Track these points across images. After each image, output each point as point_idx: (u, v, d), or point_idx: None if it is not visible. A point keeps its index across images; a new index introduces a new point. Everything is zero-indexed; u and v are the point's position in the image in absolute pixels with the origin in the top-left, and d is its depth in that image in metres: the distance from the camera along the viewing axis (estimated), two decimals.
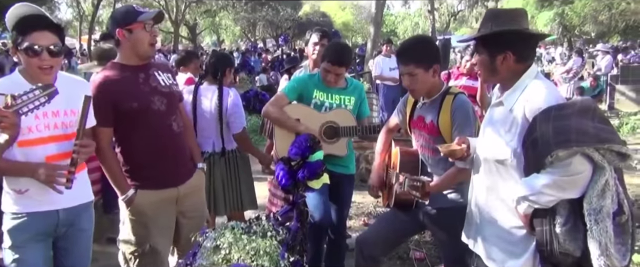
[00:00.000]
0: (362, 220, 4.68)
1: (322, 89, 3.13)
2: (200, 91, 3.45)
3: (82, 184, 2.31)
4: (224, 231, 1.93)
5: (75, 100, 2.19)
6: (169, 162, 2.55)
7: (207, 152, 3.43)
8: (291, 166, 2.48)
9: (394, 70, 8.49)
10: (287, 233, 2.14)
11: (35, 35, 2.05)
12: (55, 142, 2.16)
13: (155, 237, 2.56)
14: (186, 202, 2.64)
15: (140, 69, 2.50)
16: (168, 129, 2.54)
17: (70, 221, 2.26)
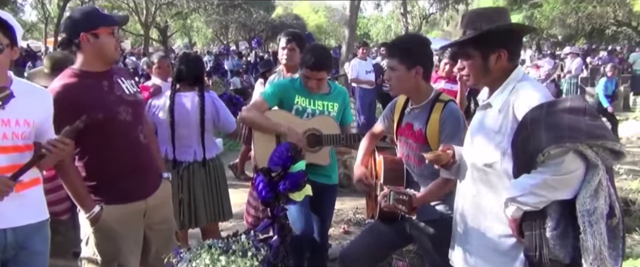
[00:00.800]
0: (342, 228, 4.57)
1: (303, 95, 3.00)
2: (178, 98, 3.27)
3: (34, 201, 2.09)
4: (200, 251, 1.78)
5: (30, 110, 2.01)
6: (136, 175, 2.37)
7: (187, 161, 3.28)
8: (271, 177, 2.34)
9: (370, 73, 8.44)
10: (268, 250, 2.00)
11: None
12: (4, 153, 1.95)
13: (124, 254, 2.37)
14: (154, 215, 2.47)
15: (103, 76, 2.32)
16: (135, 140, 2.37)
17: (20, 243, 2.02)
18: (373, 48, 18.96)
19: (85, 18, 2.25)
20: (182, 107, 3.26)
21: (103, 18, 2.26)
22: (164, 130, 3.26)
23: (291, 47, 3.60)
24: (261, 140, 2.96)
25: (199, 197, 3.30)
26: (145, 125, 2.49)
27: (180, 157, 3.28)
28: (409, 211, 2.14)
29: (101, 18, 2.26)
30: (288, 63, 3.65)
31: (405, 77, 2.33)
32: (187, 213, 3.29)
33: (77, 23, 2.26)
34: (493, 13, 1.98)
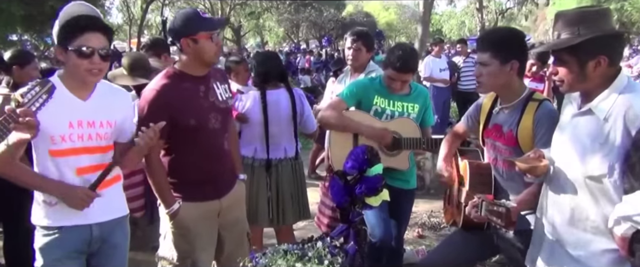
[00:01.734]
0: (416, 231, 4.41)
1: (383, 95, 2.88)
2: (269, 97, 3.24)
3: (115, 198, 2.18)
4: (275, 256, 1.73)
5: (112, 112, 2.08)
6: (215, 179, 2.42)
7: (277, 159, 3.25)
8: (347, 180, 2.26)
9: (444, 71, 8.16)
10: (344, 257, 1.93)
11: (87, 36, 1.92)
12: (88, 153, 2.03)
13: (197, 252, 2.42)
14: (228, 215, 2.50)
15: (201, 81, 2.35)
16: (220, 147, 2.41)
17: (104, 237, 2.13)
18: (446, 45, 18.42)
19: (185, 24, 2.27)
20: (273, 105, 3.22)
21: (202, 23, 2.28)
22: (254, 130, 3.21)
23: (357, 47, 3.51)
24: (338, 140, 2.88)
25: (286, 195, 3.27)
26: (229, 132, 2.52)
27: (270, 155, 3.25)
28: (507, 225, 1.93)
29: (200, 23, 2.27)
30: (354, 63, 3.56)
31: (499, 72, 2.14)
32: (275, 211, 3.26)
33: (178, 29, 2.28)
34: (593, 15, 1.77)
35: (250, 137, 3.16)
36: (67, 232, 2.03)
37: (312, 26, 32.58)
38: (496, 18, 27.99)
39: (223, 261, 2.58)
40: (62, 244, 2.03)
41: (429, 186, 5.52)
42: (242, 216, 2.66)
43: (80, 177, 2.02)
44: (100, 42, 1.95)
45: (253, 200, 3.15)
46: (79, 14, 1.98)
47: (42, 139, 1.93)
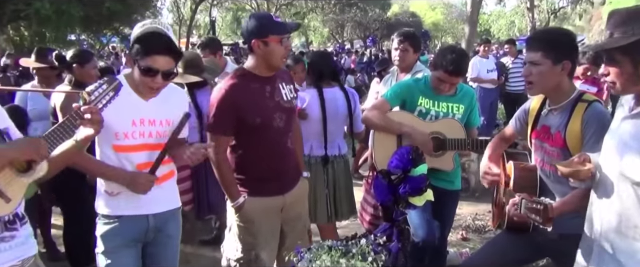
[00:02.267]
0: (460, 234, 4.36)
1: (428, 96, 2.89)
2: (326, 94, 3.32)
3: (170, 191, 2.30)
4: (320, 252, 1.78)
5: (171, 111, 2.19)
6: (279, 176, 2.51)
7: (333, 156, 3.33)
8: (391, 180, 2.28)
9: (492, 72, 7.99)
10: (387, 255, 1.95)
11: (155, 57, 2.04)
12: (149, 150, 2.15)
13: (261, 245, 2.52)
14: (291, 211, 2.59)
15: (268, 82, 2.45)
16: (284, 146, 2.50)
17: (159, 227, 2.25)
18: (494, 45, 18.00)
19: (258, 26, 2.35)
20: (331, 103, 3.30)
21: (274, 27, 2.35)
22: (312, 127, 3.27)
23: (404, 48, 3.51)
24: (382, 141, 2.91)
25: (343, 192, 3.35)
26: (294, 131, 2.59)
27: (327, 152, 3.32)
28: (545, 222, 1.92)
29: (272, 27, 2.35)
30: (401, 64, 3.57)
31: (551, 73, 2.09)
32: (333, 207, 3.34)
33: (250, 30, 2.36)
34: None
35: (307, 134, 3.18)
36: (126, 222, 2.15)
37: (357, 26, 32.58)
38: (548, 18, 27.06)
39: (283, 258, 2.67)
40: (122, 233, 2.16)
41: (474, 188, 5.43)
42: (305, 213, 2.75)
43: None
44: (166, 64, 2.06)
45: (312, 197, 3.20)
46: (150, 33, 2.10)
47: (107, 135, 2.07)
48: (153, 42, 2.07)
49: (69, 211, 3.70)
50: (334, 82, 3.40)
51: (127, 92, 2.08)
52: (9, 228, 1.71)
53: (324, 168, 3.29)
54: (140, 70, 2.06)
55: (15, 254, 1.73)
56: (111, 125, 2.04)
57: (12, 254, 1.72)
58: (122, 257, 2.16)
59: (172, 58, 2.08)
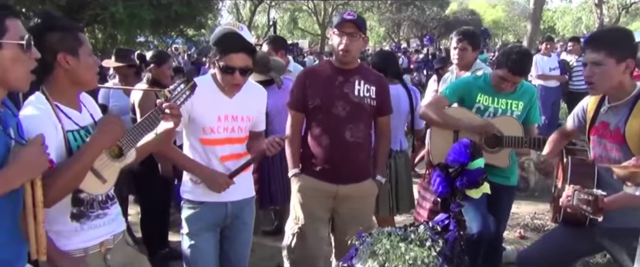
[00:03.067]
0: (518, 232, 4.35)
1: (487, 93, 2.94)
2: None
3: (247, 181, 2.51)
4: (380, 236, 1.91)
5: (251, 107, 2.42)
6: (331, 163, 2.65)
7: (394, 150, 3.44)
8: (448, 172, 2.37)
9: (554, 70, 7.79)
10: (444, 243, 2.05)
11: (231, 56, 2.26)
12: (231, 144, 2.37)
13: (306, 223, 2.70)
14: (345, 203, 2.71)
15: (342, 73, 2.66)
16: (341, 135, 2.63)
17: (236, 214, 2.45)
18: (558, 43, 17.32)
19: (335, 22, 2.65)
20: (394, 100, 3.31)
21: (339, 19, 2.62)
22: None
23: (462, 46, 3.56)
24: (439, 136, 2.99)
25: (404, 186, 3.46)
26: (360, 127, 2.66)
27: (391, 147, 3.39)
28: (595, 212, 1.94)
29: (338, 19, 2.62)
30: (460, 63, 3.62)
31: (613, 72, 2.12)
32: (394, 200, 3.45)
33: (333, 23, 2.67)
34: None
35: None
36: (207, 207, 2.38)
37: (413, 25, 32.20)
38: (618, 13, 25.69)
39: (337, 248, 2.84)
40: (203, 217, 2.39)
41: (533, 188, 5.37)
42: (364, 214, 2.79)
43: (222, 164, 2.37)
44: (242, 61, 2.27)
45: None
46: (226, 35, 2.33)
47: (195, 129, 2.31)
48: (228, 42, 2.29)
49: (145, 200, 4.01)
50: (396, 79, 3.49)
51: (213, 90, 2.32)
52: (102, 207, 1.94)
53: (386, 162, 3.39)
54: (220, 69, 2.28)
55: (108, 229, 1.96)
56: (199, 120, 2.28)
57: (105, 229, 1.94)
58: (203, 238, 2.39)
59: (247, 55, 2.29)
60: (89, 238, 1.90)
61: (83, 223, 1.87)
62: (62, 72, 1.79)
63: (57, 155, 1.73)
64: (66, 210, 1.84)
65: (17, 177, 1.40)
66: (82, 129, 1.86)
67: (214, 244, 2.43)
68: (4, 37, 1.39)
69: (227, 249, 2.51)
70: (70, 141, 1.79)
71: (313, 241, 2.72)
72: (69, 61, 1.77)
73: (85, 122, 1.88)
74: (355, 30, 2.56)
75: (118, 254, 1.99)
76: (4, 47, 1.39)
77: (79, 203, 1.86)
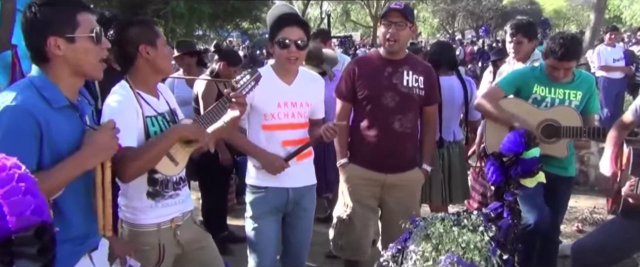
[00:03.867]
0: (576, 226, 4.27)
1: (544, 83, 2.91)
2: (442, 82, 3.43)
3: (308, 169, 2.61)
4: (434, 221, 1.97)
5: (310, 93, 2.52)
6: (381, 153, 2.71)
7: (448, 141, 3.47)
8: (503, 161, 2.38)
9: (618, 61, 7.47)
10: (498, 230, 2.08)
11: (286, 30, 2.37)
12: (291, 129, 2.49)
13: (354, 211, 2.78)
14: (391, 192, 2.78)
15: (391, 64, 2.71)
16: (389, 125, 2.69)
17: (297, 200, 2.56)
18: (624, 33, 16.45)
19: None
20: (447, 90, 3.42)
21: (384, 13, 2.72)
22: None
23: (517, 40, 3.53)
24: (493, 126, 2.99)
25: (457, 176, 3.48)
26: (409, 117, 2.73)
27: (444, 137, 3.46)
28: None
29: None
30: (516, 56, 3.59)
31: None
32: (447, 190, 3.48)
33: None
34: None
35: None
36: (270, 192, 2.51)
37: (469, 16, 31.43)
38: None
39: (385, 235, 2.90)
40: (266, 201, 2.52)
41: (593, 182, 5.21)
42: (410, 202, 2.84)
43: (284, 149, 2.49)
44: (296, 34, 2.38)
45: (427, 180, 3.37)
46: (279, 13, 2.44)
47: (257, 115, 2.45)
48: (282, 18, 2.42)
49: (206, 186, 4.21)
50: (452, 71, 3.51)
51: (273, 78, 2.45)
52: (175, 188, 2.12)
53: (439, 151, 3.42)
54: (278, 46, 2.38)
55: (178, 208, 2.13)
56: (260, 107, 2.42)
57: (176, 208, 2.12)
58: (266, 222, 2.52)
59: (300, 28, 2.39)
60: (162, 215, 2.07)
61: (157, 201, 2.05)
62: (143, 61, 1.97)
63: (137, 138, 1.90)
64: (143, 189, 2.02)
65: (90, 159, 1.55)
66: (159, 115, 2.04)
67: (275, 228, 2.56)
68: (76, 31, 1.53)
69: (288, 234, 2.64)
70: (148, 125, 1.97)
71: (361, 228, 2.81)
72: (149, 52, 1.96)
73: (162, 109, 2.07)
74: (402, 19, 2.61)
75: (186, 230, 2.16)
76: (77, 41, 1.54)
77: (154, 183, 2.05)
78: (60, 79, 1.55)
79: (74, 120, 1.59)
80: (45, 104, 1.50)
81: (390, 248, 1.93)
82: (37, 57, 1.55)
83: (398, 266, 1.90)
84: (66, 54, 1.53)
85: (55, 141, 1.50)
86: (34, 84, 1.52)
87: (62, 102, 1.54)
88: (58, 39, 1.51)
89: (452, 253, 1.81)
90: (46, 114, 1.48)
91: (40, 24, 1.50)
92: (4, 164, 0.65)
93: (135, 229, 2.06)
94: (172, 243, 2.10)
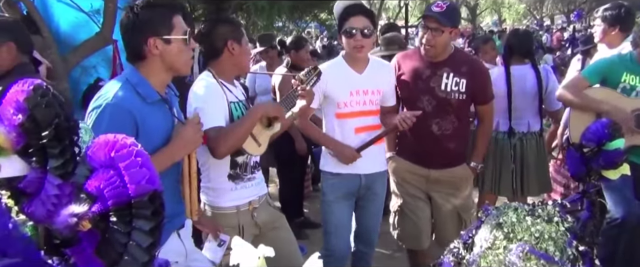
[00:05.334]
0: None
1: (634, 72, 2.76)
2: (513, 71, 3.38)
3: (379, 156, 2.69)
4: (506, 210, 1.95)
5: (380, 81, 2.58)
6: (422, 151, 2.73)
7: (521, 132, 3.37)
8: (583, 152, 2.29)
9: None
10: (575, 222, 2.02)
11: (351, 20, 2.45)
12: (364, 116, 2.57)
13: (403, 201, 2.81)
14: (437, 187, 2.77)
15: (430, 66, 2.67)
16: (427, 128, 2.67)
17: (368, 185, 2.65)
18: None
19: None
20: (519, 80, 3.34)
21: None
22: (497, 103, 3.22)
23: (604, 29, 3.32)
24: (578, 118, 2.87)
25: (531, 168, 3.37)
26: (449, 120, 2.68)
27: (515, 128, 3.38)
28: None
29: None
30: (604, 42, 3.38)
31: None
32: (519, 183, 3.39)
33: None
34: None
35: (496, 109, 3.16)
36: (344, 178, 2.63)
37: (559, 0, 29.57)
38: None
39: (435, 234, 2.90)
40: (340, 186, 2.64)
41: None
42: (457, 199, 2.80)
43: (357, 136, 2.59)
44: (361, 23, 2.45)
45: (497, 171, 3.34)
46: (345, 4, 2.52)
47: (331, 105, 2.56)
48: (347, 8, 2.48)
49: (283, 173, 4.41)
50: (527, 59, 3.39)
51: (344, 68, 2.55)
52: (252, 171, 2.28)
53: (510, 142, 3.33)
54: (344, 35, 2.46)
55: (255, 190, 2.30)
56: (332, 96, 2.53)
57: (253, 190, 2.29)
58: (340, 206, 2.64)
59: (365, 17, 2.45)
60: (241, 197, 2.25)
61: (237, 183, 2.23)
62: (227, 55, 2.16)
63: (224, 119, 2.09)
64: (225, 171, 2.20)
65: (179, 152, 1.72)
66: (240, 102, 2.22)
67: (348, 212, 2.68)
68: (172, 33, 1.69)
69: (359, 216, 2.75)
70: (232, 110, 2.15)
71: (414, 218, 2.81)
72: (235, 48, 2.14)
73: (241, 97, 2.25)
74: (438, 25, 2.54)
75: (263, 212, 2.32)
76: (172, 42, 1.70)
77: (235, 166, 2.22)
78: (153, 75, 1.73)
79: (165, 112, 1.78)
80: (140, 100, 1.68)
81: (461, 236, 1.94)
82: (134, 55, 1.74)
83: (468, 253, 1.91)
84: (163, 53, 1.70)
85: (150, 133, 1.68)
86: (129, 82, 1.70)
87: (154, 97, 1.72)
88: (156, 39, 1.68)
89: (524, 242, 1.80)
90: (142, 109, 1.66)
91: (141, 24, 1.69)
92: (125, 142, 0.80)
93: (216, 211, 2.24)
94: (250, 224, 2.26)
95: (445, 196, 2.79)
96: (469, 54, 3.15)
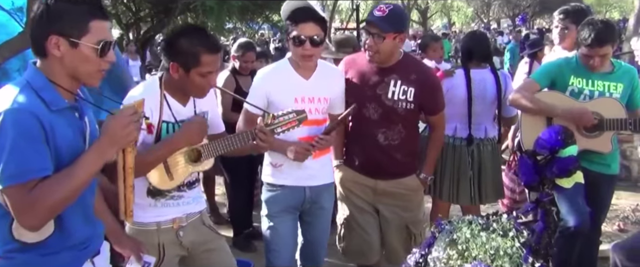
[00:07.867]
0: (617, 225, 4.06)
1: (581, 75, 2.73)
2: (472, 75, 3.25)
3: (326, 167, 2.51)
4: (460, 225, 1.85)
5: (328, 88, 2.40)
6: (367, 159, 2.58)
7: (479, 138, 3.25)
8: (537, 160, 2.25)
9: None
10: (530, 234, 1.94)
11: (301, 25, 2.24)
12: (308, 125, 2.33)
13: (350, 213, 2.67)
14: (384, 200, 2.64)
15: (378, 71, 2.52)
16: (372, 138, 2.54)
17: (314, 199, 2.47)
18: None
19: None
20: (479, 84, 3.21)
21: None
22: (457, 108, 3.18)
23: (564, 25, 3.29)
24: (529, 122, 2.80)
25: (488, 175, 3.25)
26: (395, 130, 2.54)
27: (473, 134, 3.24)
28: None
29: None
30: (562, 44, 3.35)
31: None
32: (477, 190, 3.26)
33: None
34: None
35: (451, 115, 3.07)
36: (287, 191, 2.43)
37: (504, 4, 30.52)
38: None
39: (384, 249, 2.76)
40: (283, 200, 2.44)
41: (636, 177, 4.95)
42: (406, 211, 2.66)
43: None
44: (311, 30, 2.24)
45: (454, 177, 3.21)
46: (294, 7, 2.30)
47: (274, 111, 2.33)
48: (296, 13, 2.26)
49: (232, 181, 4.19)
50: (485, 63, 3.30)
51: (290, 72, 2.35)
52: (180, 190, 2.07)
53: (468, 149, 3.24)
54: (292, 42, 2.27)
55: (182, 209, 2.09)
56: (276, 102, 2.32)
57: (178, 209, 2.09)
58: (282, 220, 2.44)
59: (316, 24, 2.25)
60: (162, 214, 2.05)
61: (157, 200, 2.02)
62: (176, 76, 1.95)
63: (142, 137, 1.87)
64: (144, 186, 1.98)
65: (109, 149, 1.46)
66: (178, 123, 1.99)
67: (292, 227, 2.49)
68: (82, 38, 1.43)
69: (305, 232, 2.57)
70: (162, 130, 1.92)
71: (361, 232, 2.68)
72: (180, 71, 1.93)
73: (183, 117, 2.01)
74: (378, 31, 2.39)
75: (192, 232, 2.12)
76: (80, 47, 1.44)
77: None
78: (58, 78, 1.46)
79: (74, 122, 1.52)
80: (45, 107, 1.41)
81: (413, 253, 1.82)
82: (35, 49, 1.47)
83: None
84: (64, 56, 1.44)
85: (57, 146, 1.42)
86: (31, 86, 1.44)
87: (61, 104, 1.46)
88: (60, 38, 1.43)
89: (479, 261, 1.70)
90: (47, 116, 1.40)
91: (48, 18, 1.42)
92: None
93: (136, 227, 2.02)
94: (173, 244, 2.07)
95: (394, 208, 2.64)
96: (419, 61, 2.98)
